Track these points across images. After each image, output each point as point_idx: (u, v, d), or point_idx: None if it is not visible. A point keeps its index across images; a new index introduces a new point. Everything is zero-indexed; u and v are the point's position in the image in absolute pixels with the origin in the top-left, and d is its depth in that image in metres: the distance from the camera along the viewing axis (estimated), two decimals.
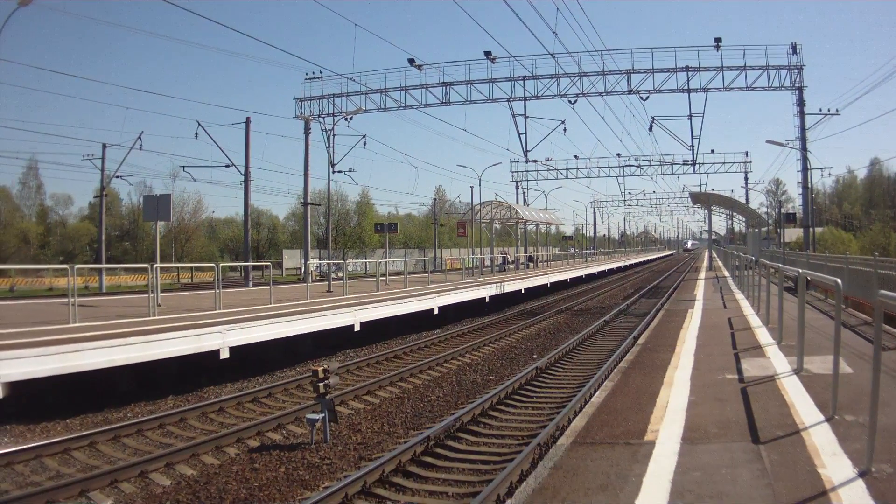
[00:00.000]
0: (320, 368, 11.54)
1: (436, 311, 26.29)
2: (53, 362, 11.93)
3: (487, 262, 49.90)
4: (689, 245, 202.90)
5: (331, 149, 38.59)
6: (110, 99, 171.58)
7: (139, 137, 41.66)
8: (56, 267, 53.31)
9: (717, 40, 37.00)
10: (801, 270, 11.60)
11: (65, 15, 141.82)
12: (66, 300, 16.19)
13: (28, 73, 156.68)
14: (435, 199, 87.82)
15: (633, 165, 58.00)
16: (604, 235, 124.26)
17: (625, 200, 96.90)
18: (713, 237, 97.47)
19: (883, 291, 6.11)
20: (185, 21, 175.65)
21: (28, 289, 51.50)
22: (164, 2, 17.23)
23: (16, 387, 11.50)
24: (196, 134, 37.88)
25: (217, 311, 18.52)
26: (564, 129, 43.36)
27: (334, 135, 38.70)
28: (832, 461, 6.31)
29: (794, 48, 37.29)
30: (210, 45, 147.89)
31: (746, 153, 62.20)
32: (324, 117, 40.35)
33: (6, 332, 13.76)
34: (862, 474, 5.95)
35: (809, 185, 40.73)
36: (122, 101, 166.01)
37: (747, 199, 64.18)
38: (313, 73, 40.55)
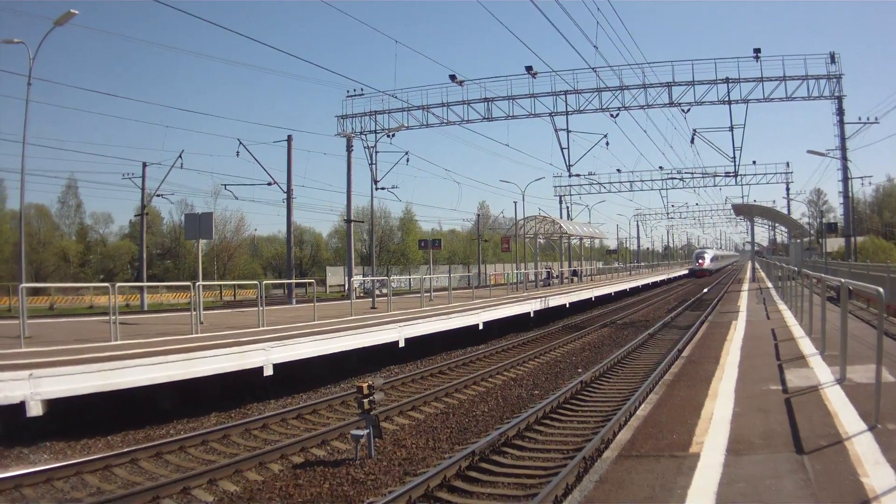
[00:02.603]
0: (365, 384, 11.43)
1: (480, 327, 26.15)
2: (94, 380, 11.95)
3: (532, 277, 49.64)
4: (706, 260, 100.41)
5: (373, 166, 38.76)
6: (150, 118, 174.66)
7: (180, 156, 41.80)
8: (97, 285, 53.84)
9: (757, 51, 36.80)
10: (843, 280, 11.39)
11: (104, 34, 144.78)
12: (106, 318, 16.27)
13: (67, 92, 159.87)
14: (478, 215, 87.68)
15: (675, 178, 57.46)
16: (647, 249, 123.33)
17: (668, 213, 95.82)
18: (755, 248, 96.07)
19: None
20: (225, 39, 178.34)
21: (67, 307, 51.71)
22: (204, 21, 17.37)
23: (56, 404, 11.52)
24: (237, 152, 38.15)
25: (261, 329, 18.51)
26: (607, 143, 43.20)
27: (377, 151, 38.90)
28: (875, 470, 6.28)
29: (833, 57, 37.09)
30: (251, 63, 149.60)
31: (787, 164, 61.23)
32: (366, 134, 40.56)
33: (46, 349, 13.86)
34: None
35: (850, 195, 40.38)
36: (162, 119, 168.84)
37: (789, 210, 63.34)
38: (355, 90, 40.78)
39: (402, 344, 20.71)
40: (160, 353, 13.56)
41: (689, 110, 38.54)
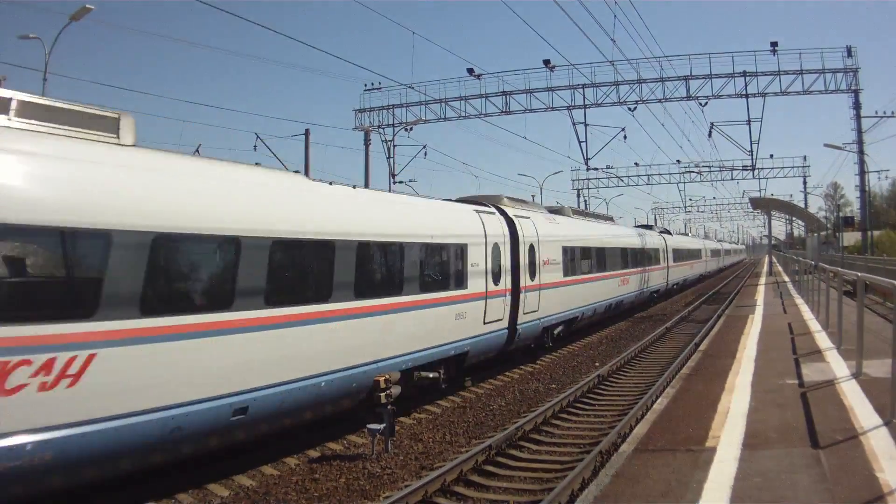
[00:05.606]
0: (382, 378, 11.43)
1: None
2: None
3: None
4: None
5: (391, 159, 38.87)
6: (168, 112, 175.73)
7: (197, 151, 41.86)
8: None
9: (774, 44, 36.73)
10: (859, 274, 11.37)
11: (122, 30, 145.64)
12: None
13: (84, 87, 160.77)
14: None
15: (693, 172, 57.36)
16: None
17: (685, 207, 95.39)
18: (773, 241, 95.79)
19: None
20: (243, 33, 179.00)
21: None
22: (223, 11, 17.39)
23: None
24: (255, 146, 38.12)
25: None
26: (625, 137, 43.08)
27: (394, 145, 38.97)
28: (890, 465, 6.34)
29: (850, 51, 37.04)
30: (269, 57, 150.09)
31: (805, 157, 60.87)
32: (383, 128, 40.46)
33: None
34: None
35: (867, 189, 40.30)
36: (179, 114, 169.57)
37: (806, 204, 62.86)
38: (372, 83, 40.64)
39: None
40: None
41: (706, 104, 38.62)
